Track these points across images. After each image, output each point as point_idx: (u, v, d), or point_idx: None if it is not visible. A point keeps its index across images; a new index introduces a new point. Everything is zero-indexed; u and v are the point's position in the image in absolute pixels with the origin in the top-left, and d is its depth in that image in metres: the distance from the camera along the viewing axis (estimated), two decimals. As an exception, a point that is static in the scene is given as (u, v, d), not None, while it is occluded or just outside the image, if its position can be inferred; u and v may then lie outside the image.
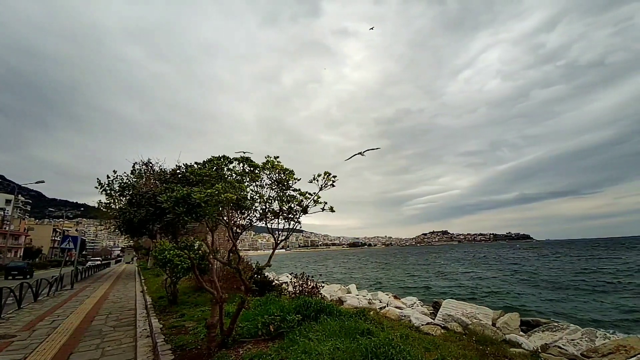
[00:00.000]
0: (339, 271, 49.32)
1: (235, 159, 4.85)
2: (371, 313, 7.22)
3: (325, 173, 5.43)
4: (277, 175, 5.22)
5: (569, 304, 18.31)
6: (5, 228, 55.37)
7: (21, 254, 65.14)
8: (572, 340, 7.20)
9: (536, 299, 20.30)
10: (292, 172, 5.28)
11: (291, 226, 5.57)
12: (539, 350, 6.76)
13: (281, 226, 5.66)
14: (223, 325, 5.51)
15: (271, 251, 6.01)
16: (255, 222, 6.65)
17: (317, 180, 5.50)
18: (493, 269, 41.60)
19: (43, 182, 40.67)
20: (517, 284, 27.05)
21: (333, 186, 5.45)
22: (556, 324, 8.91)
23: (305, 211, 5.30)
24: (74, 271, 22.20)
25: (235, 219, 5.79)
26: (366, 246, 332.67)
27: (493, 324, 8.67)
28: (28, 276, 29.27)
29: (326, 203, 5.26)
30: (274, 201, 5.30)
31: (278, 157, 5.18)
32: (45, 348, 6.99)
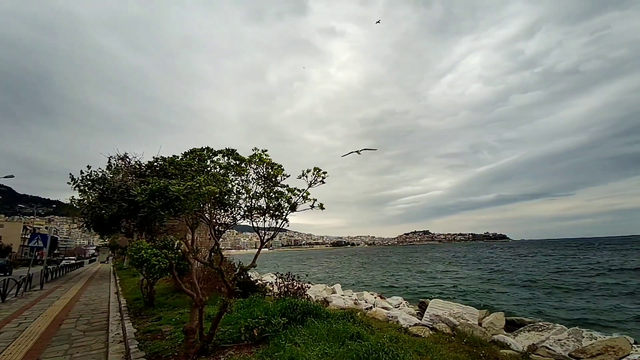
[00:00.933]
0: (323, 270, 49.14)
1: (219, 151, 4.49)
2: (358, 314, 7.00)
3: (315, 169, 5.16)
4: (265, 170, 4.90)
5: (545, 303, 18.80)
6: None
7: (-11, 252, 61.43)
8: (559, 340, 7.24)
9: (513, 298, 20.74)
10: (281, 167, 4.97)
11: (279, 224, 5.25)
12: (528, 351, 6.75)
13: (267, 224, 5.34)
14: (203, 330, 5.13)
15: (254, 250, 5.69)
16: (239, 220, 6.29)
17: (306, 176, 5.21)
18: (472, 268, 42.53)
19: (12, 177, 38.50)
20: (495, 283, 27.64)
21: (323, 182, 5.18)
22: (541, 324, 8.99)
23: (294, 208, 5.01)
24: (44, 271, 20.99)
25: (217, 216, 5.42)
26: (349, 246, 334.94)
27: (479, 324, 8.66)
28: (8, 273, 28.83)
29: (315, 200, 4.99)
30: (261, 197, 4.98)
31: (266, 151, 4.85)
32: (11, 352, 6.40)
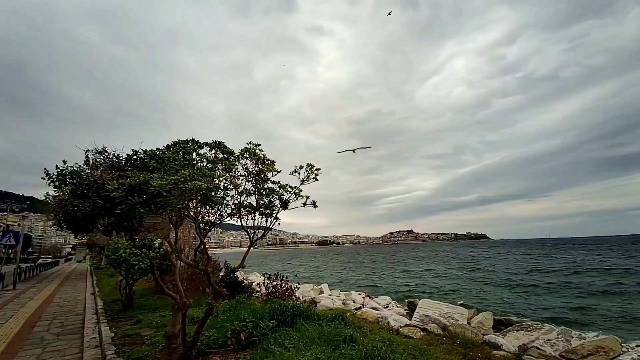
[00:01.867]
0: (308, 270, 48.96)
1: (206, 144, 4.18)
2: (347, 315, 6.82)
3: (308, 165, 4.91)
4: (256, 165, 4.62)
5: (525, 302, 19.24)
6: None
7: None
8: (549, 340, 7.29)
9: (495, 298, 21.16)
10: (273, 163, 4.70)
11: (269, 223, 4.98)
12: (519, 351, 6.75)
13: (256, 223, 5.05)
14: (186, 335, 4.81)
15: (240, 249, 5.40)
16: (226, 219, 5.98)
17: (299, 172, 4.96)
18: (455, 268, 43.37)
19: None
20: (478, 283, 28.20)
21: (316, 179, 4.94)
22: (529, 324, 9.08)
23: (285, 206, 4.74)
24: (17, 270, 19.86)
25: (203, 214, 5.10)
26: (335, 245, 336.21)
27: (468, 324, 8.66)
28: None
29: (308, 197, 4.74)
30: (251, 194, 4.69)
31: (260, 145, 4.56)
32: (-20, 357, 5.90)
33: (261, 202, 4.66)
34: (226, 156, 4.25)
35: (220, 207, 5.70)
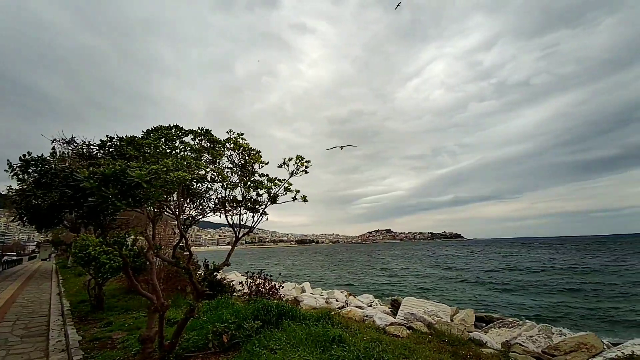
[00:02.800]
0: (287, 268, 48.61)
1: (190, 131, 3.86)
2: (333, 314, 6.66)
3: (297, 157, 4.68)
4: (241, 156, 4.33)
5: (498, 299, 19.92)
6: None
7: None
8: (531, 337, 7.46)
9: (471, 295, 21.80)
10: (259, 154, 4.43)
11: (256, 218, 4.71)
12: (502, 348, 6.85)
13: (243, 218, 4.78)
14: (163, 338, 4.46)
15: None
16: (209, 214, 5.66)
17: (287, 164, 4.72)
18: (431, 266, 44.49)
19: None
20: (453, 281, 28.99)
21: (306, 172, 4.72)
22: (510, 320, 9.30)
23: (274, 201, 4.49)
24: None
25: (184, 208, 4.77)
26: (314, 243, 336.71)
27: (451, 321, 8.74)
28: None
29: (298, 191, 4.52)
30: (236, 188, 4.41)
31: (243, 134, 4.28)
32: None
33: (248, 197, 4.39)
34: (212, 145, 3.95)
35: (202, 201, 5.38)
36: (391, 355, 4.22)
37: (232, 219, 4.75)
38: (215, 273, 4.53)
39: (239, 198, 4.53)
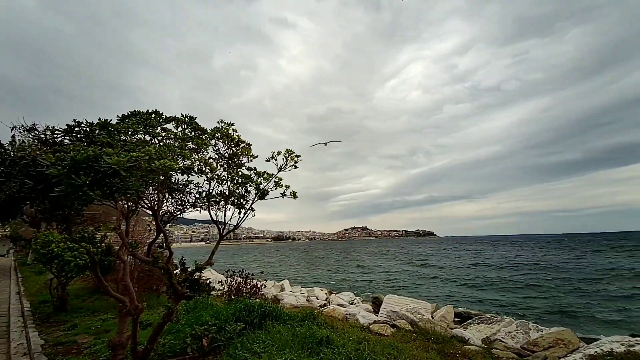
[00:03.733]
0: (263, 266, 48.01)
1: (172, 118, 3.51)
2: (316, 313, 6.48)
3: (287, 150, 4.44)
4: (229, 147, 4.03)
5: (471, 295, 20.64)
6: None
7: None
8: (510, 332, 7.66)
9: (443, 291, 22.46)
10: (250, 146, 4.15)
11: (243, 215, 4.42)
12: (483, 344, 6.97)
13: (228, 214, 4.47)
14: (137, 344, 4.09)
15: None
16: (188, 209, 5.29)
17: (276, 159, 4.47)
18: (405, 263, 45.58)
19: None
20: (426, 277, 29.78)
21: (296, 167, 4.49)
22: (488, 316, 9.56)
23: (263, 196, 4.22)
24: None
25: (162, 202, 4.38)
26: (290, 240, 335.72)
27: (431, 317, 8.85)
28: None
29: (288, 187, 4.28)
30: (222, 181, 4.10)
31: (233, 124, 3.97)
32: None
33: (236, 192, 4.09)
34: (198, 134, 3.62)
35: (182, 196, 5.01)
36: (380, 355, 4.10)
37: (217, 215, 4.44)
38: (200, 272, 4.20)
39: (226, 193, 4.22)
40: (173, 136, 3.35)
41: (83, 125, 3.43)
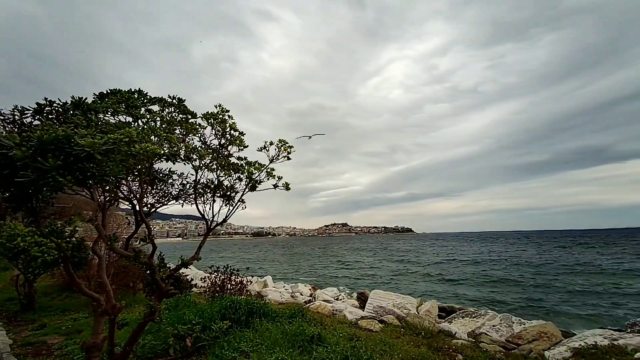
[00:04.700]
0: (243, 261, 47.35)
1: (157, 99, 3.19)
2: (305, 310, 6.32)
3: (280, 141, 4.20)
4: (221, 135, 3.75)
5: (448, 289, 21.18)
6: None
7: None
8: (494, 326, 7.82)
9: (423, 286, 22.93)
10: (243, 135, 3.89)
11: (230, 207, 4.16)
12: (471, 338, 7.05)
13: (215, 207, 4.19)
14: (114, 346, 3.77)
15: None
16: (170, 202, 4.98)
17: (268, 149, 4.23)
18: (385, 259, 46.31)
19: None
20: (405, 272, 30.33)
21: (289, 158, 4.26)
22: (472, 310, 9.73)
23: (254, 188, 3.97)
24: None
25: (143, 193, 4.05)
26: (270, 236, 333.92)
27: (417, 312, 8.90)
28: None
29: (281, 178, 4.04)
30: (211, 171, 3.82)
31: (229, 111, 3.68)
32: None
33: (226, 182, 3.82)
34: (187, 118, 3.32)
35: (165, 187, 4.68)
36: (375, 353, 3.99)
37: (205, 208, 4.16)
38: (186, 268, 3.91)
39: (213, 183, 3.94)
40: (159, 119, 3.04)
41: (55, 104, 3.06)
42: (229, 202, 4.10)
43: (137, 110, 2.85)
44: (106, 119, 2.69)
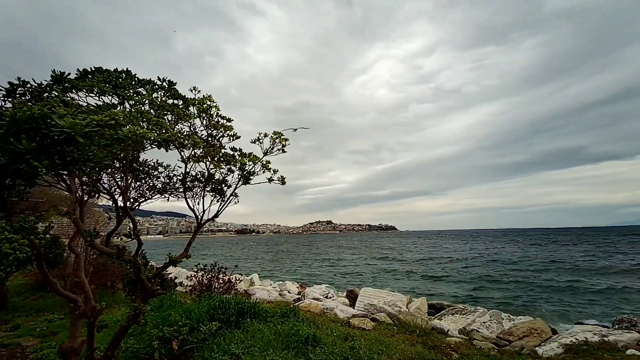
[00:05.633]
0: (226, 259, 46.62)
1: (146, 81, 2.92)
2: (296, 309, 6.13)
3: (275, 133, 3.98)
4: (208, 124, 3.49)
5: (431, 287, 21.48)
6: None
7: None
8: (484, 322, 7.88)
9: (406, 283, 23.18)
10: (231, 122, 3.64)
11: (226, 202, 3.92)
12: (463, 335, 7.06)
13: (205, 201, 3.93)
14: (94, 350, 3.47)
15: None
16: (155, 195, 4.69)
17: (262, 141, 4.00)
18: (369, 256, 46.70)
19: None
20: (388, 270, 30.63)
21: (284, 151, 4.05)
22: (461, 307, 9.80)
23: (247, 180, 3.74)
24: None
25: (126, 186, 3.75)
26: (254, 233, 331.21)
27: (407, 309, 8.87)
28: None
29: (276, 171, 3.83)
30: (200, 161, 3.56)
31: (211, 96, 3.42)
32: None
33: (217, 175, 3.57)
34: (179, 103, 3.06)
35: (149, 179, 4.38)
36: (373, 353, 3.86)
37: (195, 203, 3.90)
38: (174, 266, 3.64)
39: (204, 175, 3.69)
40: (148, 102, 2.76)
41: (30, 85, 2.74)
42: (221, 197, 3.86)
43: (125, 91, 2.57)
44: (87, 101, 2.41)
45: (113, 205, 4.23)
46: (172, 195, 4.73)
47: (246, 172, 3.66)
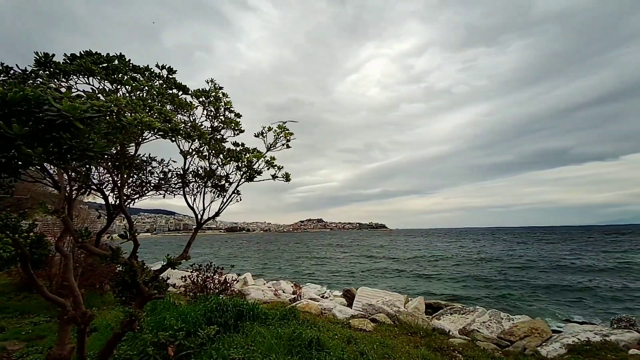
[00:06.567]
0: (217, 258, 46.02)
1: (144, 69, 2.69)
2: (296, 311, 5.95)
3: (279, 126, 3.79)
4: (214, 116, 3.28)
5: (422, 286, 21.60)
6: None
7: None
8: (484, 322, 7.86)
9: (398, 282, 23.26)
10: (239, 116, 3.44)
11: (227, 199, 3.71)
12: (464, 335, 7.00)
13: (205, 199, 3.71)
14: (85, 358, 3.23)
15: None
16: (150, 192, 4.44)
17: (265, 135, 3.81)
18: (359, 255, 46.83)
19: None
20: (379, 269, 30.72)
21: (288, 146, 3.86)
22: (459, 307, 9.78)
23: (252, 178, 3.54)
24: None
25: (119, 181, 3.50)
26: (245, 231, 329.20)
27: (405, 309, 8.80)
28: None
29: (282, 168, 3.64)
30: (203, 158, 3.35)
31: (222, 88, 3.21)
32: None
33: (219, 171, 3.36)
34: (179, 92, 2.84)
35: (143, 175, 4.13)
36: (380, 357, 3.73)
37: (195, 200, 3.68)
38: (173, 268, 3.42)
39: (204, 171, 3.47)
40: (147, 89, 2.52)
41: (13, 71, 2.48)
42: (222, 194, 3.65)
43: (123, 77, 2.34)
44: (77, 88, 2.18)
45: (104, 202, 3.98)
46: (168, 192, 4.49)
47: (252, 170, 3.45)
